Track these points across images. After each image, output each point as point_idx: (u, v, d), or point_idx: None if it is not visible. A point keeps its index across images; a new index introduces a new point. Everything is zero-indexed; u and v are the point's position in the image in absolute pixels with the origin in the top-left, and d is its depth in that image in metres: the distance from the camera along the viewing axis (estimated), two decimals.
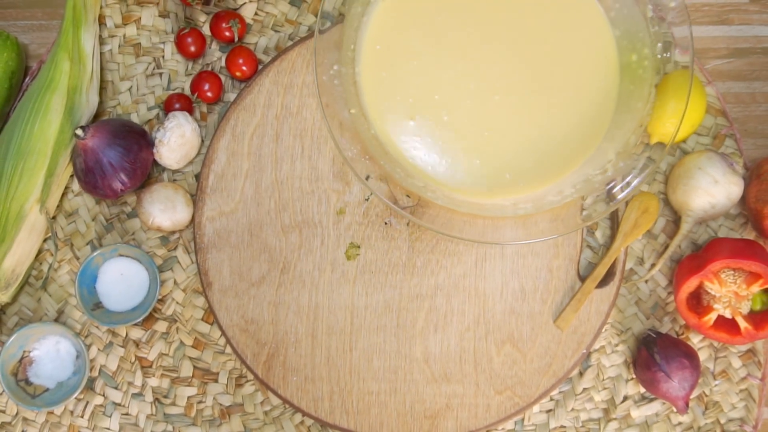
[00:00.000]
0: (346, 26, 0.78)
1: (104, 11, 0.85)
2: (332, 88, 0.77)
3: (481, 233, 0.74)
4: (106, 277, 0.81)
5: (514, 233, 0.75)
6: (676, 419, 0.82)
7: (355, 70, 0.79)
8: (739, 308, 0.79)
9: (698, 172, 0.80)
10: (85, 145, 0.78)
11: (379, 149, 0.78)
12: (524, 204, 0.77)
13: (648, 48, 0.76)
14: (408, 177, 0.77)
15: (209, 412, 0.81)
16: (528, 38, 0.78)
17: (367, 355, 0.81)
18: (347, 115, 0.78)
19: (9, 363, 0.79)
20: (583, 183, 0.76)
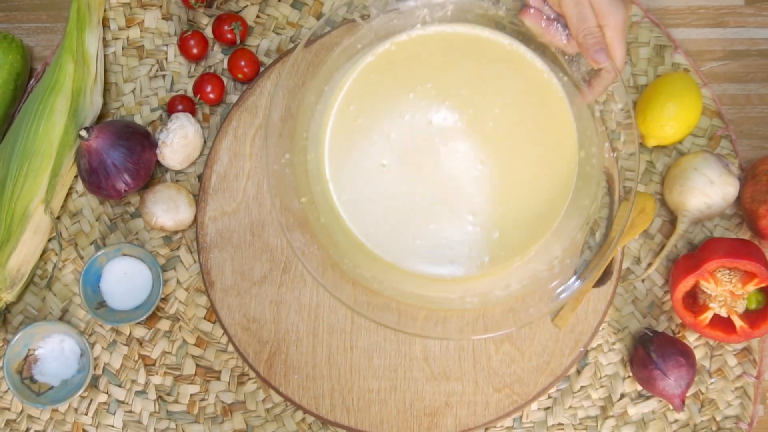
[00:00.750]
0: (299, 115, 0.79)
1: (108, 14, 0.86)
2: (283, 177, 0.78)
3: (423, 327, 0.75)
4: (110, 276, 0.81)
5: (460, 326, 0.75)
6: (673, 417, 0.82)
7: (308, 157, 0.79)
8: (735, 307, 0.80)
9: (694, 173, 0.80)
10: (89, 146, 0.78)
11: (328, 239, 0.78)
12: (471, 298, 0.77)
13: (595, 146, 0.77)
14: (355, 267, 0.77)
15: (212, 410, 0.81)
16: (495, 136, 0.78)
17: (368, 353, 0.81)
18: (297, 204, 0.79)
19: (14, 361, 0.79)
20: (530, 279, 0.77)
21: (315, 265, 0.76)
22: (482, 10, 0.81)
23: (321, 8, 0.86)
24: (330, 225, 0.79)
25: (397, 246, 0.79)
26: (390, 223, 0.78)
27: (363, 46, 0.80)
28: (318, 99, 0.80)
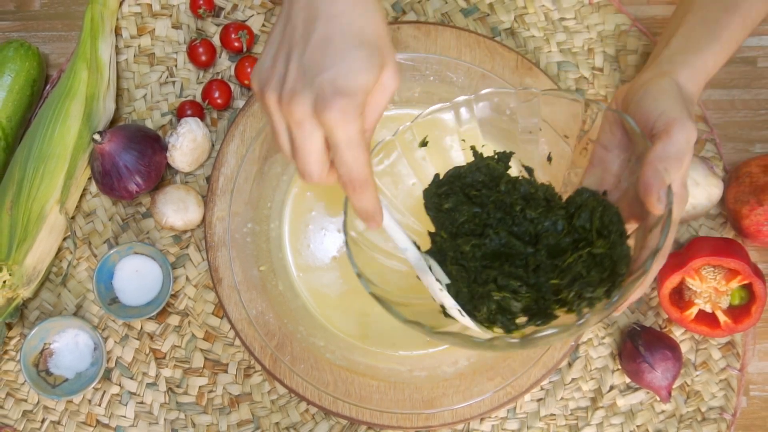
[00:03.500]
0: (265, 185, 0.80)
1: (120, 23, 0.86)
2: (244, 246, 0.79)
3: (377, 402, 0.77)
4: (122, 273, 0.82)
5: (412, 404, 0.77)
6: (660, 407, 0.82)
7: (270, 225, 0.80)
8: (719, 303, 0.80)
9: None
10: (103, 149, 0.79)
11: (284, 306, 0.80)
12: (419, 372, 0.79)
13: None
14: (309, 336, 0.78)
15: (219, 401, 0.82)
16: None
17: None
18: (256, 272, 0.79)
19: (31, 355, 0.79)
20: (477, 356, 0.78)
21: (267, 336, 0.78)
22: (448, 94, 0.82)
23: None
24: (286, 293, 0.80)
25: (347, 320, 0.80)
26: (340, 298, 0.80)
27: None
28: (284, 170, 0.81)
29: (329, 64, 0.55)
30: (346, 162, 0.57)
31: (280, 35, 0.57)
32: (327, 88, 0.54)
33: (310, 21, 0.56)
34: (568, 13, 0.87)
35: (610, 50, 0.86)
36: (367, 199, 0.59)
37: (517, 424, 0.82)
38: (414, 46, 0.83)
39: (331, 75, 0.54)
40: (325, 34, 0.55)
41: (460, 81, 0.83)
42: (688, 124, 0.62)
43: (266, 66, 0.57)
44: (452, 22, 0.86)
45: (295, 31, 0.56)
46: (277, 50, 0.57)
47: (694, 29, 0.71)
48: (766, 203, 0.79)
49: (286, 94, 0.56)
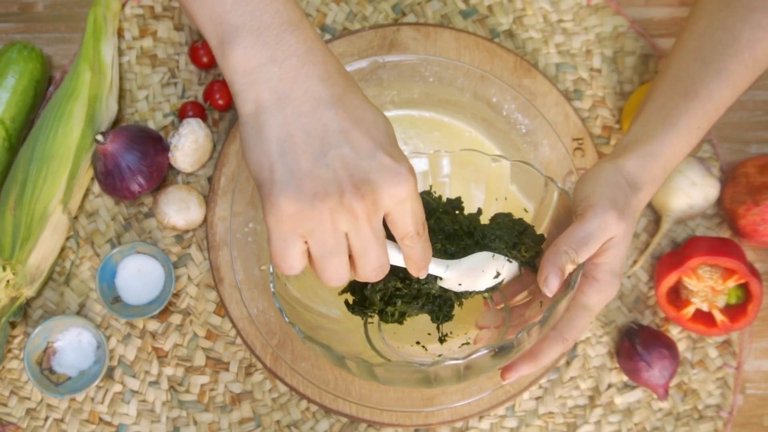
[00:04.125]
0: None
1: (123, 24, 0.86)
2: (245, 245, 0.79)
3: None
4: (125, 272, 0.82)
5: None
6: (657, 405, 0.82)
7: None
8: (716, 302, 0.80)
9: (677, 175, 0.80)
10: (105, 149, 0.79)
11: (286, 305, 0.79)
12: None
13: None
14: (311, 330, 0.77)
15: (221, 399, 0.82)
16: None
17: None
18: (257, 272, 0.79)
19: (34, 353, 0.79)
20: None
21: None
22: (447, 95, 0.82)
23: (324, 19, 0.87)
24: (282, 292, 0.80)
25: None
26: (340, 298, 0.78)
27: None
28: None
29: (375, 139, 0.51)
30: (418, 217, 0.54)
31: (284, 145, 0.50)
32: (390, 163, 0.50)
33: (320, 113, 0.50)
34: (567, 14, 0.87)
35: (608, 52, 0.87)
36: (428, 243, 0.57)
37: (515, 422, 0.82)
38: (414, 48, 0.83)
39: (385, 148, 0.51)
40: (347, 114, 0.51)
41: (460, 82, 0.83)
42: (607, 213, 0.61)
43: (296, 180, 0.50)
44: (451, 23, 0.87)
45: (309, 129, 0.50)
46: (295, 158, 0.50)
47: (651, 116, 0.68)
48: (762, 203, 0.79)
49: (351, 191, 0.50)
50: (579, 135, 0.83)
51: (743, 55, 0.67)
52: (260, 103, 0.50)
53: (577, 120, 0.83)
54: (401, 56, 0.83)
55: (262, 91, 0.50)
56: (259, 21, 0.50)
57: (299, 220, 0.50)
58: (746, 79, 0.68)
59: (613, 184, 0.64)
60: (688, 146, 0.67)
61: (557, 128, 0.82)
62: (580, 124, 0.83)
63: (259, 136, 0.50)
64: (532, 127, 0.82)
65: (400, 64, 0.83)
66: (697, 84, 0.67)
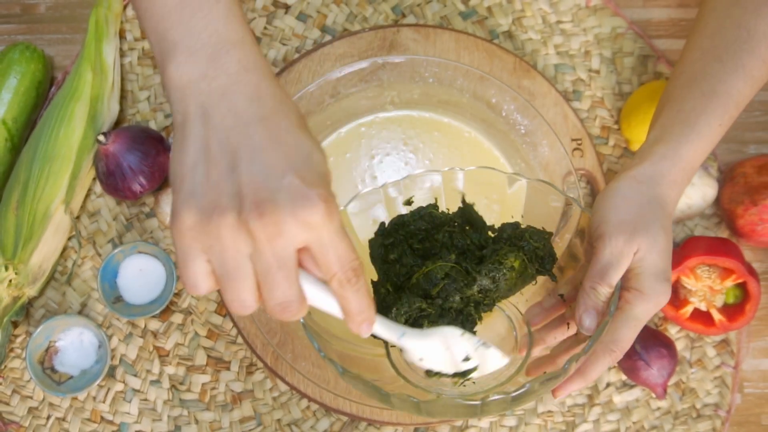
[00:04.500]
0: None
1: (125, 26, 0.86)
2: None
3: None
4: (126, 272, 0.82)
5: None
6: (655, 404, 0.83)
7: None
8: (714, 301, 0.80)
9: None
10: (107, 150, 0.79)
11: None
12: None
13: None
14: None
15: (222, 398, 0.82)
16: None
17: None
18: None
19: (36, 352, 0.79)
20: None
21: None
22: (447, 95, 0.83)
23: (324, 20, 0.87)
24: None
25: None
26: None
27: (332, 122, 0.82)
28: None
29: (291, 162, 0.49)
30: (341, 256, 0.50)
31: (199, 156, 0.49)
32: (299, 186, 0.48)
33: (240, 129, 0.49)
34: (565, 16, 0.87)
35: (606, 53, 0.87)
36: (363, 293, 0.52)
37: (515, 420, 0.82)
38: (414, 49, 0.83)
39: (299, 172, 0.49)
40: (268, 134, 0.49)
41: (459, 83, 0.83)
42: (616, 239, 0.61)
43: (199, 191, 0.48)
44: (451, 25, 0.87)
45: (226, 144, 0.49)
46: (206, 170, 0.49)
47: (667, 121, 0.67)
48: (760, 203, 0.79)
49: (251, 208, 0.47)
50: (578, 135, 0.83)
51: (760, 50, 0.66)
52: (186, 116, 0.50)
53: (576, 120, 0.83)
54: (401, 57, 0.83)
55: (189, 105, 0.50)
56: (196, 39, 0.51)
57: (197, 233, 0.49)
58: (765, 74, 0.67)
59: (624, 202, 0.63)
60: (709, 145, 0.66)
61: (556, 129, 0.83)
62: (579, 124, 0.83)
63: (180, 146, 0.50)
64: (532, 127, 0.83)
65: (400, 65, 0.83)
66: (715, 83, 0.66)
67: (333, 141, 0.83)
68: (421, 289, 0.63)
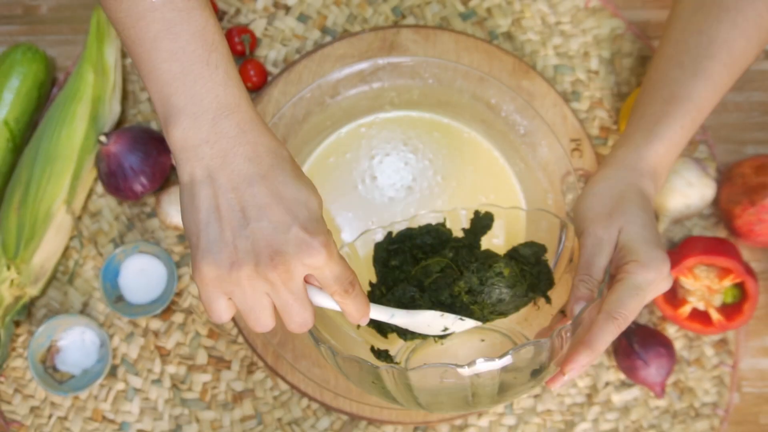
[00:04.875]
0: None
1: None
2: None
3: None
4: (128, 272, 0.82)
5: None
6: (654, 403, 0.83)
7: None
8: (712, 301, 0.80)
9: (674, 176, 0.81)
10: (108, 150, 0.79)
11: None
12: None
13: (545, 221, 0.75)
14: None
15: (223, 397, 0.82)
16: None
17: None
18: None
19: (38, 351, 0.80)
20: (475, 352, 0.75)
21: None
22: (447, 96, 0.83)
23: (325, 21, 0.87)
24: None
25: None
26: None
27: (332, 123, 0.82)
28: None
29: (293, 215, 0.55)
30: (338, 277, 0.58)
31: (211, 216, 0.55)
32: (304, 237, 0.55)
33: (243, 189, 0.55)
34: (565, 17, 0.87)
35: (605, 53, 0.87)
36: (359, 299, 0.61)
37: (514, 419, 0.82)
38: (413, 50, 0.83)
39: (301, 224, 0.55)
40: (269, 192, 0.55)
41: (459, 83, 0.83)
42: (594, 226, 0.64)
43: (216, 249, 0.55)
44: (451, 26, 0.87)
45: (234, 204, 0.55)
46: (219, 228, 0.55)
47: (632, 126, 0.70)
48: (758, 203, 0.79)
49: (266, 262, 0.55)
50: (577, 136, 0.83)
51: (720, 55, 0.68)
52: (194, 177, 0.55)
53: (574, 121, 0.83)
54: (401, 58, 0.83)
55: (195, 168, 0.55)
56: (198, 105, 0.55)
57: (219, 282, 0.56)
58: (727, 78, 0.69)
59: (597, 198, 0.67)
60: (674, 146, 0.69)
61: (555, 129, 0.83)
62: (578, 125, 0.83)
63: (191, 204, 0.56)
64: (531, 128, 0.83)
65: (400, 66, 0.83)
66: (675, 88, 0.68)
67: (333, 141, 0.83)
68: (417, 280, 0.68)
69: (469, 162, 0.82)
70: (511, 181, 0.83)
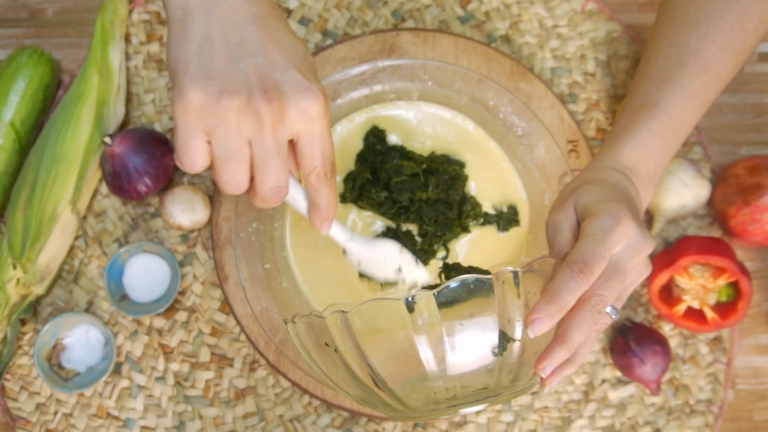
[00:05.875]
0: None
1: (130, 30, 0.87)
2: (249, 244, 0.80)
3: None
4: (132, 271, 0.82)
5: None
6: (649, 400, 0.83)
7: (275, 225, 0.81)
8: (707, 300, 0.81)
9: (669, 176, 0.81)
10: (113, 151, 0.79)
11: (287, 303, 0.80)
12: None
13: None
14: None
15: (225, 394, 0.82)
16: None
17: None
18: (261, 270, 0.80)
19: (43, 349, 0.80)
20: None
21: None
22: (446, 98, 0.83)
23: (326, 24, 0.87)
24: (290, 290, 0.80)
25: None
26: (341, 296, 0.79)
27: (332, 123, 0.82)
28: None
29: (291, 59, 0.53)
30: (325, 152, 0.55)
31: (204, 46, 0.52)
32: (301, 80, 0.52)
33: (241, 26, 0.53)
34: (562, 20, 0.87)
35: (601, 56, 0.87)
36: (334, 190, 0.58)
37: (512, 416, 0.83)
38: (413, 52, 0.84)
39: (299, 68, 0.53)
40: (267, 33, 0.53)
41: (457, 86, 0.84)
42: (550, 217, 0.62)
43: (207, 75, 0.52)
44: (450, 29, 0.87)
45: (229, 38, 0.52)
46: (211, 58, 0.52)
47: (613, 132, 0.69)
48: (752, 203, 0.80)
49: (259, 94, 0.51)
50: (574, 137, 0.83)
51: (689, 64, 0.68)
52: (187, 10, 0.53)
53: (571, 122, 0.83)
54: (401, 60, 0.84)
55: (190, 0, 0.53)
56: None
57: (203, 113, 0.51)
58: (699, 85, 0.69)
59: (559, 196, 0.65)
60: (645, 149, 0.67)
61: (552, 131, 0.83)
62: (575, 126, 0.83)
63: (181, 36, 0.53)
64: (528, 129, 0.83)
65: (400, 68, 0.84)
66: (643, 98, 0.69)
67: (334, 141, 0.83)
68: (387, 175, 0.72)
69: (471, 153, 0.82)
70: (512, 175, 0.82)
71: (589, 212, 0.59)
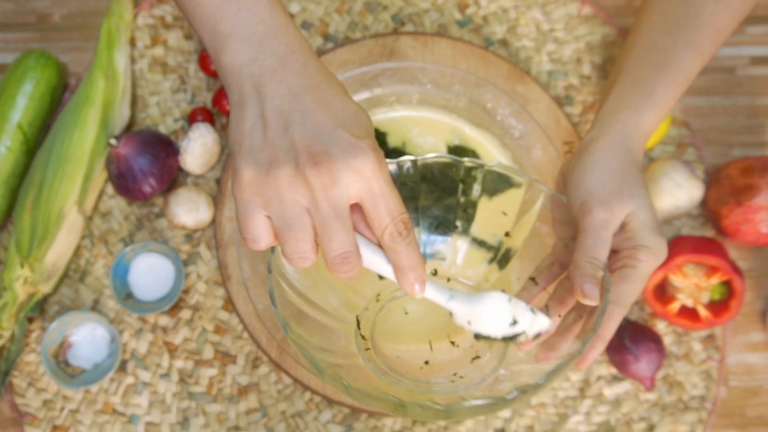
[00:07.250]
0: None
1: (135, 34, 0.87)
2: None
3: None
4: (137, 270, 0.83)
5: None
6: (644, 397, 0.83)
7: None
8: (700, 298, 0.81)
9: (663, 178, 0.81)
10: (119, 153, 0.80)
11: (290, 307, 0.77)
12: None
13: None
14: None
15: (228, 391, 0.83)
16: None
17: None
18: (263, 269, 0.81)
19: (50, 347, 0.80)
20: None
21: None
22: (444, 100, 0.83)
23: (327, 29, 0.88)
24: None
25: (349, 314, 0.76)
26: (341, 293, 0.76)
27: None
28: None
29: (339, 120, 0.51)
30: (392, 208, 0.52)
31: (256, 124, 0.52)
32: (349, 139, 0.50)
33: (291, 97, 0.52)
34: (558, 24, 0.88)
35: (597, 59, 0.87)
36: (414, 247, 0.53)
37: (509, 411, 0.83)
38: (412, 56, 0.84)
39: (347, 128, 0.51)
40: (317, 99, 0.52)
41: (456, 88, 0.84)
42: (597, 210, 0.60)
43: (256, 148, 0.51)
44: (448, 33, 0.88)
45: (279, 110, 0.52)
46: (263, 132, 0.52)
47: (625, 89, 0.67)
48: (744, 204, 0.80)
49: (306, 159, 0.50)
50: (570, 139, 0.83)
51: (707, 28, 0.67)
52: (242, 96, 0.53)
53: (567, 124, 0.84)
54: (400, 63, 0.84)
55: (244, 86, 0.53)
56: (245, 29, 0.53)
57: (257, 187, 0.51)
58: (710, 51, 0.68)
59: (608, 173, 0.62)
60: (664, 114, 0.67)
61: (549, 132, 0.83)
62: (571, 128, 0.84)
63: (238, 119, 0.53)
64: (525, 131, 0.83)
65: (400, 71, 0.84)
66: (669, 55, 0.67)
67: None
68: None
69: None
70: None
71: (645, 241, 0.60)
